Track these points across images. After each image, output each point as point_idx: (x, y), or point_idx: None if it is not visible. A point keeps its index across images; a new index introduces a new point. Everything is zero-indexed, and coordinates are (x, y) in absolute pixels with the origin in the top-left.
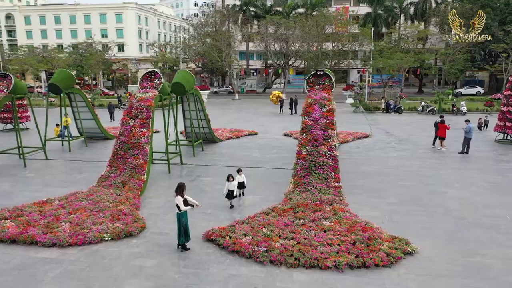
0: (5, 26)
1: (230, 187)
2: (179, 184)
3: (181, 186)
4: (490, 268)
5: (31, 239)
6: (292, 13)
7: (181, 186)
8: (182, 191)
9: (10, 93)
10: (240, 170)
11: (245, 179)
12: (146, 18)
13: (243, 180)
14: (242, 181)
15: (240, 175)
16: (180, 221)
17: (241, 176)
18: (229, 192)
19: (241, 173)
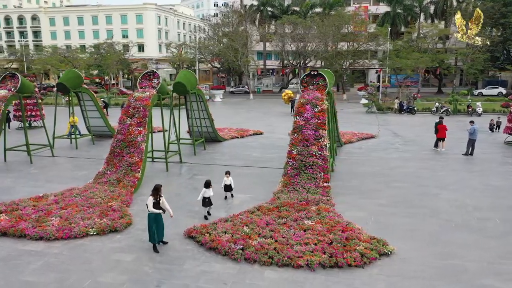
0: (31, 27)
1: (206, 194)
2: (156, 186)
3: (157, 188)
4: (465, 271)
5: (20, 232)
6: (309, 12)
7: (157, 189)
8: (157, 193)
9: (17, 92)
10: (228, 173)
11: (232, 182)
12: (166, 18)
13: (230, 183)
14: (229, 183)
15: (227, 178)
16: (148, 220)
17: (228, 179)
18: (205, 199)
19: (228, 176)
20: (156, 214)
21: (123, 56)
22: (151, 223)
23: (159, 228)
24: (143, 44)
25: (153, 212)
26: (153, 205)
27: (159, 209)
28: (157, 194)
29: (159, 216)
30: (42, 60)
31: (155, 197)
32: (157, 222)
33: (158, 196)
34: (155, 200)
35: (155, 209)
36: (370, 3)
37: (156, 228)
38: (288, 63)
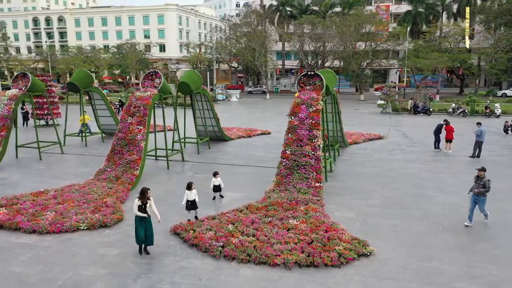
0: (57, 28)
1: (190, 197)
2: (142, 189)
3: (143, 191)
4: (442, 273)
5: (15, 225)
6: (328, 12)
7: (143, 192)
8: (144, 197)
9: (28, 91)
10: (216, 173)
11: (221, 182)
12: (187, 19)
13: (219, 183)
14: (218, 184)
15: (216, 178)
16: (135, 224)
17: (216, 179)
18: (188, 203)
19: (217, 176)
20: (141, 217)
21: (143, 56)
22: (137, 225)
23: (148, 233)
24: (164, 44)
25: (138, 215)
26: (138, 208)
27: (144, 213)
28: (143, 197)
29: (148, 220)
30: (66, 60)
31: (142, 200)
32: (145, 226)
33: (144, 200)
34: (141, 204)
35: (140, 212)
36: (392, 2)
37: (143, 232)
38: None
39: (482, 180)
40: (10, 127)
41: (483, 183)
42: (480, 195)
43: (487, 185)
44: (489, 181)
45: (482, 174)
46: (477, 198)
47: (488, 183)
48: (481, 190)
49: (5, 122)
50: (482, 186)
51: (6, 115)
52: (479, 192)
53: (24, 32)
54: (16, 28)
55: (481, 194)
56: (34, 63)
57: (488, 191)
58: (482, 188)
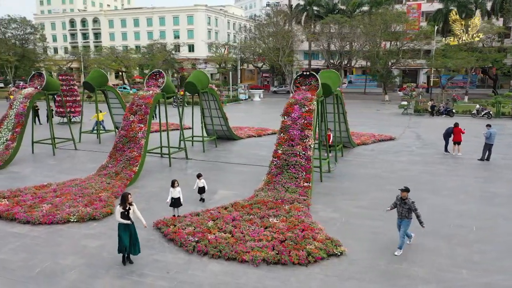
0: (92, 29)
1: (174, 195)
2: (123, 194)
3: (124, 197)
4: (409, 276)
5: (12, 216)
6: (356, 11)
7: (124, 197)
8: (125, 202)
9: (43, 90)
10: (200, 175)
11: (205, 184)
12: (216, 19)
13: (203, 185)
14: (202, 186)
15: (200, 180)
16: (118, 232)
17: (200, 181)
18: (173, 200)
19: (200, 178)
20: (125, 224)
21: (171, 56)
22: (120, 233)
23: (133, 240)
24: (193, 44)
25: (121, 222)
26: (121, 215)
27: (127, 219)
28: (124, 203)
29: (132, 227)
30: (97, 60)
31: (123, 206)
32: (129, 233)
33: (126, 205)
34: (123, 210)
35: (123, 219)
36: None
37: (128, 240)
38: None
39: (407, 203)
40: (25, 123)
41: (408, 206)
42: (404, 218)
43: (413, 207)
44: (413, 203)
45: (405, 196)
46: (401, 221)
47: (413, 205)
48: (417, 213)
49: (20, 119)
50: (407, 210)
51: (21, 113)
52: (420, 221)
53: (61, 33)
54: (54, 30)
55: (421, 223)
56: (68, 63)
57: (418, 215)
58: (406, 212)
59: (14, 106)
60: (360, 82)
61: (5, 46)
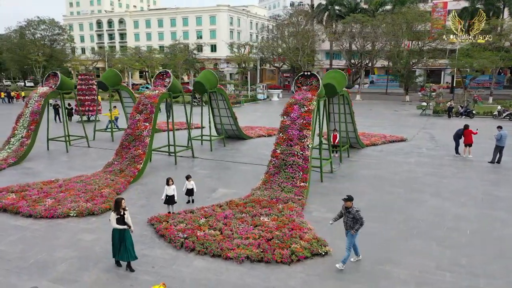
0: (118, 30)
1: (169, 192)
2: (116, 199)
3: (118, 202)
4: (390, 277)
5: (16, 209)
6: (379, 10)
7: (118, 202)
8: (119, 208)
9: (57, 89)
10: (189, 177)
11: (194, 186)
12: (238, 19)
13: (192, 187)
14: (191, 188)
15: (189, 182)
16: (112, 237)
17: (189, 183)
18: (168, 197)
19: (190, 180)
20: (120, 230)
21: (193, 56)
22: (115, 240)
23: (128, 247)
24: (216, 44)
25: (117, 228)
26: (116, 221)
27: (124, 224)
28: (118, 208)
29: (127, 233)
30: (121, 60)
31: (117, 212)
32: (124, 239)
33: (121, 211)
34: (119, 216)
35: (119, 225)
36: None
37: (123, 247)
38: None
39: (351, 212)
40: (39, 121)
41: (352, 215)
42: (349, 229)
43: (358, 216)
44: (358, 212)
45: (350, 205)
46: (347, 232)
47: (358, 214)
48: (357, 227)
49: (35, 117)
50: (352, 219)
51: (36, 111)
52: (355, 229)
53: (88, 34)
54: (82, 30)
55: (355, 229)
56: (93, 62)
57: (362, 224)
58: (351, 222)
59: (30, 105)
60: (382, 82)
61: (35, 46)
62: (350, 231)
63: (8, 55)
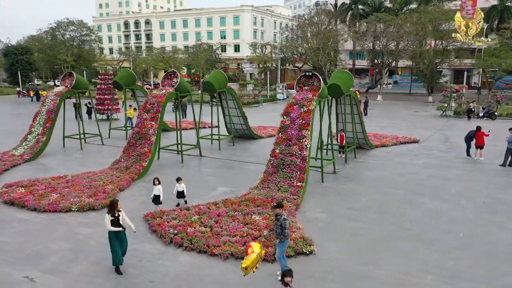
0: (144, 31)
1: (155, 192)
2: (111, 201)
3: (113, 204)
4: (371, 278)
5: (22, 203)
6: (403, 9)
7: (113, 204)
8: (114, 209)
9: (73, 88)
10: (180, 179)
11: (184, 188)
12: (262, 19)
13: (183, 189)
14: (181, 190)
15: (180, 184)
16: (109, 242)
17: (180, 185)
18: (154, 197)
19: (180, 182)
20: (116, 232)
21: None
22: (112, 242)
23: (123, 249)
24: (239, 44)
25: (112, 230)
26: (111, 223)
27: (119, 226)
28: (113, 210)
29: (122, 234)
30: (145, 60)
31: (112, 213)
32: (121, 241)
33: (115, 213)
34: (113, 218)
35: (114, 226)
36: None
37: (120, 251)
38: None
39: (279, 220)
40: (54, 119)
41: (280, 223)
42: (279, 240)
43: (285, 225)
44: (285, 220)
45: (279, 212)
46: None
47: (285, 223)
48: (281, 238)
49: (50, 115)
50: (280, 227)
51: (52, 109)
52: (280, 239)
53: (116, 35)
54: (110, 31)
55: (280, 239)
56: (119, 62)
57: (285, 234)
58: (280, 230)
59: (46, 103)
60: (406, 82)
61: (64, 47)
62: (276, 239)
63: (39, 55)
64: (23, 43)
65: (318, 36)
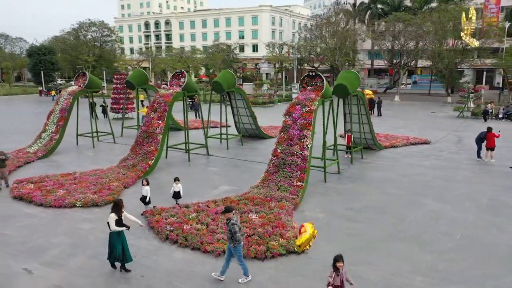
0: (164, 31)
1: (143, 193)
2: (116, 201)
3: (118, 203)
4: (357, 277)
5: (30, 198)
6: (423, 8)
7: (118, 204)
8: (119, 209)
9: (86, 88)
10: (177, 179)
11: (181, 189)
12: (280, 19)
13: (179, 190)
14: (178, 190)
15: (177, 184)
16: (110, 240)
17: (177, 185)
18: (142, 197)
19: (177, 182)
20: (118, 232)
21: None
22: (115, 242)
23: (125, 248)
24: (257, 44)
25: (116, 230)
26: (116, 223)
27: (123, 226)
28: (119, 210)
29: (122, 233)
30: (163, 60)
31: (118, 213)
32: (122, 240)
33: (121, 213)
34: (118, 218)
35: (118, 226)
36: None
37: (120, 249)
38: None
39: (228, 224)
40: (67, 118)
41: (229, 228)
42: (231, 244)
43: (233, 230)
44: (234, 225)
45: (229, 216)
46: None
47: (233, 228)
48: (234, 243)
49: (63, 114)
50: (229, 232)
51: (65, 108)
52: (232, 244)
53: (137, 35)
54: (131, 32)
55: (233, 243)
56: (138, 62)
57: (236, 239)
58: (229, 234)
59: (60, 102)
60: (425, 82)
61: (86, 47)
62: (230, 244)
63: (62, 55)
64: (48, 44)
65: (336, 36)
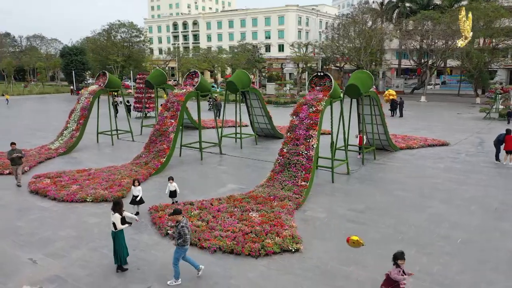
0: (192, 31)
1: (134, 193)
2: (116, 200)
3: (119, 203)
4: (348, 277)
5: (45, 192)
6: (454, 6)
7: (119, 203)
8: (120, 208)
9: (106, 87)
10: (171, 178)
11: (177, 188)
12: (307, 19)
13: (175, 189)
14: (173, 189)
15: (171, 183)
16: (115, 240)
17: (172, 185)
18: (133, 197)
19: (171, 182)
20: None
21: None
22: (122, 242)
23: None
24: (283, 44)
25: (123, 228)
26: (121, 222)
27: (126, 223)
28: (121, 209)
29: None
30: (189, 60)
31: (120, 212)
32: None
33: (122, 211)
34: (122, 216)
35: (124, 224)
36: None
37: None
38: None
39: (177, 227)
40: (87, 116)
41: (178, 231)
42: (177, 246)
43: (182, 232)
44: (183, 228)
45: (178, 219)
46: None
47: (183, 230)
48: (179, 242)
49: (84, 112)
50: (178, 234)
51: (85, 106)
52: (177, 244)
53: (165, 36)
54: (160, 32)
55: (179, 245)
56: (165, 62)
57: (185, 240)
58: (178, 236)
59: (80, 101)
60: (455, 83)
61: (115, 48)
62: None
63: (92, 56)
64: (79, 45)
65: (361, 35)
